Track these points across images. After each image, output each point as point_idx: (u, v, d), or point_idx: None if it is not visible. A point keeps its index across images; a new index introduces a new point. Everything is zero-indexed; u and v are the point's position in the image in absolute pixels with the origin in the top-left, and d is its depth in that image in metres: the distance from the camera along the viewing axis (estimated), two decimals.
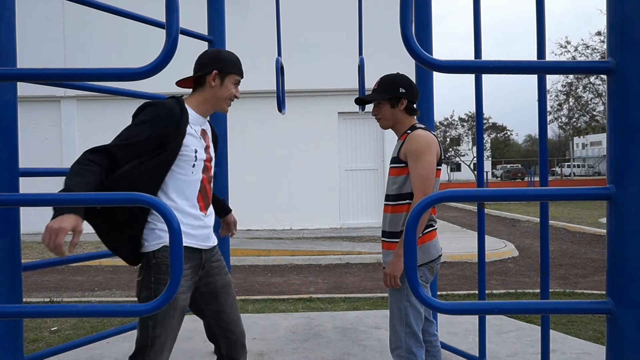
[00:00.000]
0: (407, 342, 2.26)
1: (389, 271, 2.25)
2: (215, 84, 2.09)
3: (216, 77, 2.08)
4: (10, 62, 2.13)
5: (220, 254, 2.24)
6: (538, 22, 2.44)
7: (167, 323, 1.94)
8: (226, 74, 2.11)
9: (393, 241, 2.33)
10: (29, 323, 4.53)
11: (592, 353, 3.45)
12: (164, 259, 1.93)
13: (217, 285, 2.16)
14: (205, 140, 2.13)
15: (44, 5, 10.90)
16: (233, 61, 2.13)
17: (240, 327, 2.22)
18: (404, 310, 2.27)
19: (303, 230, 11.14)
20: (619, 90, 1.07)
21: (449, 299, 5.57)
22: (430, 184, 2.22)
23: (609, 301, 1.10)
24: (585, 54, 28.75)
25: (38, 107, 11.13)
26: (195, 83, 2.14)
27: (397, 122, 2.41)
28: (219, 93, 2.11)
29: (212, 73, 2.08)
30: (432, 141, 2.28)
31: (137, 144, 1.87)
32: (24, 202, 1.28)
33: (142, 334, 1.95)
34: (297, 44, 10.11)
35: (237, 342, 2.19)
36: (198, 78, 2.11)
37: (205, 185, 2.11)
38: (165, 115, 1.94)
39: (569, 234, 10.87)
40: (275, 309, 5.11)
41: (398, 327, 2.29)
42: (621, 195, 1.07)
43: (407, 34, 1.04)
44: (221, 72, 2.09)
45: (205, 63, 2.10)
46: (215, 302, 2.15)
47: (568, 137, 55.64)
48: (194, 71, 2.14)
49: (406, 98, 2.36)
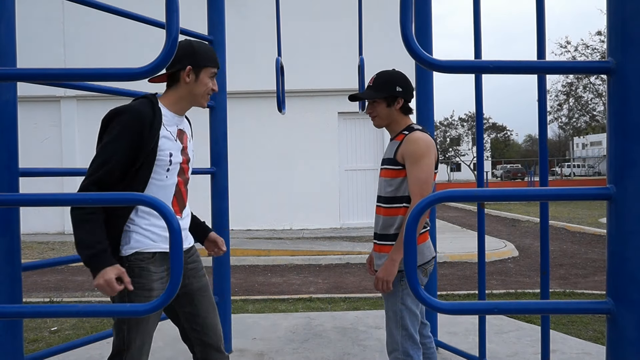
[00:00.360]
0: (404, 345, 2.24)
1: (381, 275, 2.20)
2: (190, 79, 1.96)
3: (190, 73, 1.96)
4: (10, 62, 2.13)
5: (197, 255, 2.16)
6: (538, 22, 2.43)
7: (142, 327, 1.90)
8: (201, 68, 1.97)
9: (385, 244, 2.30)
10: (29, 323, 4.53)
11: (592, 353, 3.45)
12: (137, 262, 1.88)
13: (193, 287, 2.07)
14: (182, 141, 2.02)
15: (44, 5, 10.90)
16: (207, 53, 1.99)
17: (216, 332, 2.12)
18: (399, 314, 2.24)
19: (303, 230, 11.14)
20: (619, 90, 1.07)
21: (449, 299, 5.57)
22: (428, 188, 2.19)
23: (609, 301, 1.10)
24: (585, 54, 28.75)
25: (38, 107, 11.13)
26: (168, 79, 2.01)
27: (393, 122, 2.36)
28: (195, 89, 1.99)
29: (185, 69, 1.95)
30: (430, 144, 2.24)
31: (118, 162, 1.81)
32: (24, 202, 1.28)
33: (117, 338, 1.90)
34: (297, 44, 10.11)
35: (212, 346, 2.10)
36: (171, 74, 1.99)
37: (180, 188, 2.02)
38: (135, 121, 1.83)
39: (569, 234, 10.87)
40: (275, 309, 5.11)
41: (394, 330, 2.26)
42: (621, 195, 1.07)
43: (407, 34, 1.04)
44: (195, 66, 1.96)
45: (178, 57, 1.94)
46: (190, 304, 2.07)
47: (568, 137, 55.66)
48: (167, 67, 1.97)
49: (402, 97, 2.31)
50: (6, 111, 2.13)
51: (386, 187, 2.30)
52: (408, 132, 2.29)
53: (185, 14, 3.16)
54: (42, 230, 10.98)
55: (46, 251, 8.96)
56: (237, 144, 9.26)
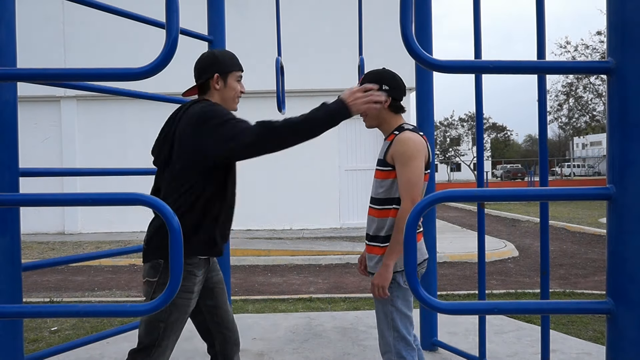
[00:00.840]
0: (396, 346, 2.21)
1: (377, 282, 2.18)
2: (219, 86, 2.10)
3: (219, 80, 2.09)
4: (10, 62, 2.13)
5: None
6: (538, 23, 2.43)
7: (178, 327, 1.98)
8: (227, 73, 2.11)
9: (376, 245, 2.28)
10: (29, 323, 4.53)
11: (592, 353, 3.45)
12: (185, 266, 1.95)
13: (213, 280, 2.18)
14: None
15: (44, 5, 10.90)
16: (230, 59, 2.14)
17: (234, 324, 2.23)
18: (390, 315, 2.22)
19: (303, 230, 11.14)
20: (619, 90, 1.07)
21: (449, 299, 5.57)
22: (418, 190, 2.16)
23: (609, 301, 1.10)
24: (585, 54, 28.75)
25: (38, 107, 11.13)
26: (200, 90, 2.15)
27: (383, 121, 2.31)
28: (226, 94, 2.12)
29: (214, 77, 2.08)
30: (420, 145, 2.19)
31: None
32: (24, 202, 1.28)
33: (150, 334, 1.95)
34: (297, 44, 10.11)
35: (231, 337, 2.20)
36: (202, 85, 2.12)
37: None
38: None
39: (569, 234, 10.87)
40: (275, 309, 5.11)
41: (386, 332, 2.24)
42: (621, 195, 1.07)
43: (407, 34, 1.04)
44: (222, 73, 2.10)
45: (205, 68, 2.10)
46: (211, 297, 2.16)
47: (568, 137, 55.65)
48: (196, 79, 2.14)
49: (390, 95, 2.25)
50: (6, 111, 2.13)
51: (378, 189, 2.27)
52: (398, 132, 2.26)
53: (185, 14, 3.15)
54: (42, 230, 10.98)
55: (46, 251, 8.96)
56: None
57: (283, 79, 3.81)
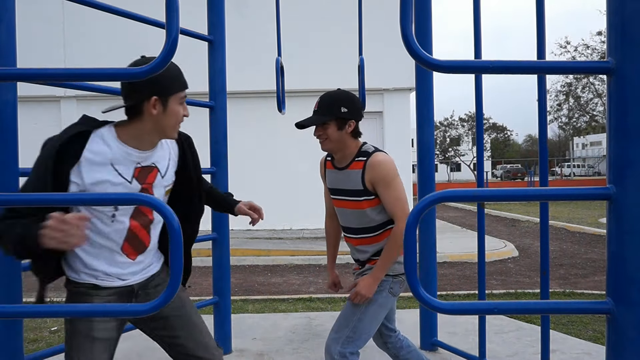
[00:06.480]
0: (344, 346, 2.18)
1: (364, 292, 2.19)
2: (157, 111, 1.62)
3: (157, 104, 1.61)
4: (10, 62, 2.13)
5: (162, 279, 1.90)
6: (538, 22, 2.43)
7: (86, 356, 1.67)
8: (168, 96, 1.63)
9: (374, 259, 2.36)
10: (29, 323, 4.53)
11: (592, 353, 3.45)
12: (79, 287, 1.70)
13: (164, 309, 1.78)
14: (144, 179, 1.70)
15: (44, 5, 10.90)
16: (173, 76, 1.65)
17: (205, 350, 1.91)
18: (352, 324, 2.23)
19: (303, 230, 11.14)
20: (619, 90, 1.07)
21: (449, 299, 5.57)
22: (407, 204, 2.20)
23: (609, 301, 1.10)
24: (585, 54, 28.74)
25: (38, 107, 11.13)
26: (127, 111, 1.67)
27: (344, 146, 2.27)
28: (165, 121, 1.65)
29: (150, 100, 1.60)
30: (392, 162, 2.22)
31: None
32: (24, 202, 1.28)
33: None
34: (297, 44, 10.11)
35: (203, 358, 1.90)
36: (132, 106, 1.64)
37: (135, 233, 1.72)
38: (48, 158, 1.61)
39: (569, 234, 10.87)
40: (275, 309, 5.11)
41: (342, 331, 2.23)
42: (621, 195, 1.07)
43: (407, 34, 1.04)
44: (162, 95, 1.61)
45: (136, 86, 1.59)
46: (166, 327, 1.87)
47: (568, 137, 55.67)
48: (123, 95, 1.64)
49: (352, 119, 2.22)
50: (6, 111, 2.13)
51: (365, 217, 2.26)
52: (365, 157, 2.23)
53: (185, 14, 3.15)
54: None
55: None
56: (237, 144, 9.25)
57: (283, 79, 3.81)
